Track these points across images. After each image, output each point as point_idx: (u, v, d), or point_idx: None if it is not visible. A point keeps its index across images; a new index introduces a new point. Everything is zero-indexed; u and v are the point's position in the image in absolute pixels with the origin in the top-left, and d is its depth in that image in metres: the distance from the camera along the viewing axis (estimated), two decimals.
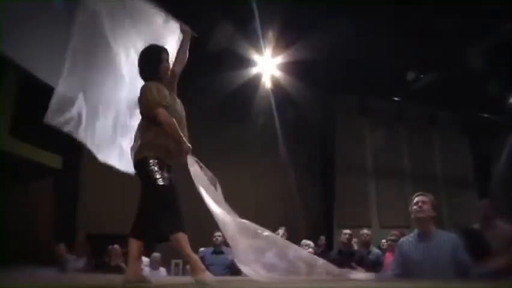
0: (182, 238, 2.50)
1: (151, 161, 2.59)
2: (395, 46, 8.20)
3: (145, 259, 6.25)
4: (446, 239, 2.82)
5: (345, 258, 4.84)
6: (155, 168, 2.58)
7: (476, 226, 3.92)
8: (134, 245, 2.65)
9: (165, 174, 2.59)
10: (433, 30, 7.55)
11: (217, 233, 5.15)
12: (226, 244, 5.20)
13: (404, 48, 8.24)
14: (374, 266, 5.12)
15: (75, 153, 7.68)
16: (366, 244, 5.49)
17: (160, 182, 2.54)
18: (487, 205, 4.04)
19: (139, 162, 2.64)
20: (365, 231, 5.61)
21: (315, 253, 4.56)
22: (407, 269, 2.89)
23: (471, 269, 2.69)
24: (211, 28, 7.07)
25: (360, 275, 3.02)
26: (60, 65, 2.73)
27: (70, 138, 2.79)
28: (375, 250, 5.50)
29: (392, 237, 4.89)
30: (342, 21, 6.68)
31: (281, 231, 4.67)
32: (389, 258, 5.51)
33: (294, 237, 5.40)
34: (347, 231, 5.18)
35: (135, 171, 2.73)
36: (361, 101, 11.62)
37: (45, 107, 2.65)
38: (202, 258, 5.06)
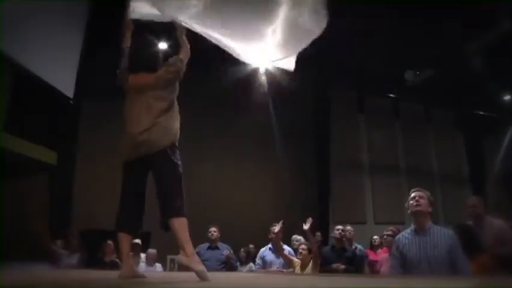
0: (185, 223, 2.46)
1: (177, 148, 2.50)
2: (391, 43, 8.20)
3: (140, 255, 6.23)
4: (443, 235, 2.80)
5: (337, 255, 4.84)
6: (179, 156, 2.49)
7: (468, 223, 3.93)
8: (124, 239, 2.57)
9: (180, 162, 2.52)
10: (429, 27, 7.56)
11: (212, 228, 5.13)
12: (221, 240, 5.21)
13: (400, 45, 8.25)
14: (360, 262, 5.17)
15: (70, 149, 7.67)
16: (349, 241, 5.54)
17: (181, 170, 2.48)
18: (477, 202, 4.04)
19: (165, 148, 2.46)
20: (348, 227, 5.64)
21: (308, 249, 4.56)
22: (404, 265, 2.88)
23: (465, 271, 2.69)
24: None
25: None
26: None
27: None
28: (359, 247, 5.58)
29: (389, 233, 4.89)
30: (339, 20, 6.66)
31: (276, 228, 4.65)
32: (384, 253, 5.54)
33: (290, 233, 5.42)
34: (340, 226, 5.17)
35: (153, 157, 2.47)
36: (357, 97, 11.65)
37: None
38: (198, 254, 5.04)
